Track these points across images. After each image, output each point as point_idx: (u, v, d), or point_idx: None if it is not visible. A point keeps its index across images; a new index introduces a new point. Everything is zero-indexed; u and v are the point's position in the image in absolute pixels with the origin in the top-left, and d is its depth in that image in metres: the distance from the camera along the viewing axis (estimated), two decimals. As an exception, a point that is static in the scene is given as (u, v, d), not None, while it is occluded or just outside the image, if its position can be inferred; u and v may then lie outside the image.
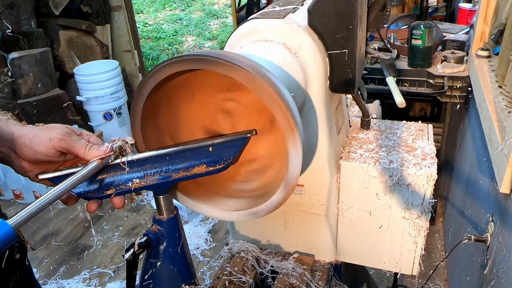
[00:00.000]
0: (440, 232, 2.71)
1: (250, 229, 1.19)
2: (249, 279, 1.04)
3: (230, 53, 0.70)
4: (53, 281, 2.57)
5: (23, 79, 3.53)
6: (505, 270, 1.16)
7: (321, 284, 1.06)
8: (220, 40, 7.52)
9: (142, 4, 9.19)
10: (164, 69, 0.69)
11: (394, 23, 2.76)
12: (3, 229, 0.57)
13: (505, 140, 1.17)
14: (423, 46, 2.24)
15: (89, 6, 4.08)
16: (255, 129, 0.78)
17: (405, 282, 2.32)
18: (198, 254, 2.71)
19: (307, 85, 0.94)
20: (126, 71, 4.47)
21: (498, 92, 1.52)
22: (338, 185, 1.08)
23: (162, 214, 0.81)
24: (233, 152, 0.76)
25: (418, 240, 1.07)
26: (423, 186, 1.01)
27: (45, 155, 0.72)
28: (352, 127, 1.26)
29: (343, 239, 1.15)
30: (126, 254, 0.78)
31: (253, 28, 0.94)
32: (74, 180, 0.68)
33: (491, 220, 1.37)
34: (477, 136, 1.80)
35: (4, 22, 3.48)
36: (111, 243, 2.86)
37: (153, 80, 0.71)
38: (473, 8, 2.78)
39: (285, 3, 1.04)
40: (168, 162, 0.76)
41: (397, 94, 1.99)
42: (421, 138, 1.16)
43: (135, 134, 0.79)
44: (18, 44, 3.63)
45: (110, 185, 0.75)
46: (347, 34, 0.90)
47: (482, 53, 1.93)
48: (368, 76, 2.37)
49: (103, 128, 3.72)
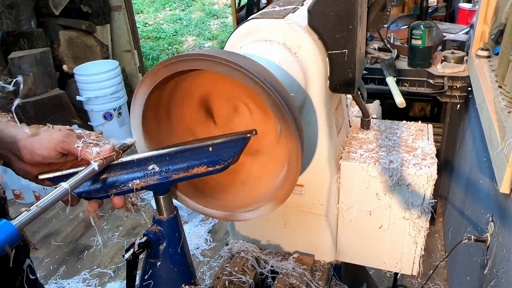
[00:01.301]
0: (440, 232, 2.71)
1: (250, 229, 1.19)
2: (249, 279, 1.04)
3: (240, 57, 0.70)
4: (53, 281, 2.57)
5: (23, 79, 3.52)
6: (505, 270, 1.16)
7: (321, 284, 1.06)
8: (220, 40, 7.52)
9: (142, 4, 9.19)
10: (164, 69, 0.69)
11: (394, 23, 2.76)
12: (7, 229, 0.57)
13: (505, 140, 1.17)
14: (423, 46, 2.24)
15: (89, 6, 4.08)
16: (255, 129, 0.78)
17: (405, 282, 2.32)
18: (198, 254, 2.71)
19: (307, 85, 0.94)
20: (126, 71, 4.48)
21: (498, 92, 1.52)
22: (338, 185, 1.08)
23: (162, 214, 0.81)
24: (233, 152, 0.76)
25: (418, 240, 1.07)
26: (423, 186, 1.01)
27: (46, 157, 0.72)
28: (352, 127, 1.25)
29: (343, 239, 1.15)
30: (126, 254, 0.78)
31: (253, 28, 0.94)
32: (77, 180, 0.68)
33: (491, 220, 1.37)
34: (477, 136, 1.80)
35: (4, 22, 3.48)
36: (111, 243, 2.86)
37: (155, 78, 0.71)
38: (473, 8, 2.78)
39: (285, 3, 1.04)
40: (168, 162, 0.76)
41: (397, 94, 1.99)
42: (421, 138, 1.16)
43: (135, 134, 0.79)
44: (18, 44, 3.64)
45: (110, 185, 0.75)
46: (347, 34, 0.90)
47: (482, 53, 1.93)
48: (368, 76, 2.37)
49: (103, 128, 3.72)
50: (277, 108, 0.66)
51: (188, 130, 0.85)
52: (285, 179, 0.73)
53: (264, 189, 0.81)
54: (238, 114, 0.84)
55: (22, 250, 0.86)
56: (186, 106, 0.83)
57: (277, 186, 0.76)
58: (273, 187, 0.78)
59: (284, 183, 0.74)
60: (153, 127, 0.81)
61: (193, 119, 0.85)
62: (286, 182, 0.73)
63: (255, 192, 0.83)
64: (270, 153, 0.84)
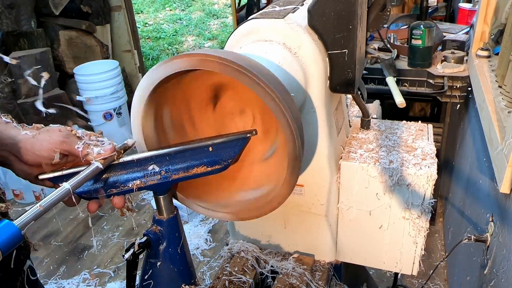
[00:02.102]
0: (440, 232, 2.71)
1: (250, 229, 1.19)
2: (249, 279, 1.04)
3: (251, 62, 0.70)
4: (53, 281, 2.57)
5: (23, 79, 3.52)
6: (505, 270, 1.16)
7: (321, 284, 1.06)
8: (220, 40, 7.52)
9: (142, 4, 9.19)
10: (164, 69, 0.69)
11: (394, 23, 2.76)
12: (10, 230, 0.57)
13: (505, 140, 1.17)
14: (423, 46, 2.24)
15: (89, 6, 4.07)
16: (255, 129, 0.78)
17: (405, 282, 2.32)
18: (198, 254, 2.71)
19: (307, 85, 0.94)
20: (126, 71, 4.47)
21: (498, 92, 1.52)
22: (338, 185, 1.08)
23: (162, 214, 0.81)
24: (233, 152, 0.76)
25: (418, 240, 1.07)
26: (423, 186, 1.01)
27: (46, 158, 0.72)
28: (352, 127, 1.25)
29: (343, 239, 1.15)
30: (126, 254, 0.78)
31: (253, 28, 0.94)
32: (78, 180, 0.68)
33: (491, 220, 1.37)
34: (477, 136, 1.80)
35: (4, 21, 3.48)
36: (111, 243, 2.86)
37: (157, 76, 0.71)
38: (473, 8, 2.78)
39: (285, 3, 1.04)
40: (168, 162, 0.76)
41: (397, 94, 1.99)
42: (421, 138, 1.16)
43: (135, 134, 0.79)
44: (18, 44, 3.64)
45: (110, 185, 0.75)
46: (347, 34, 0.90)
47: (482, 53, 1.93)
48: (368, 76, 2.37)
49: (103, 128, 3.72)
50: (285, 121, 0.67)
51: (187, 111, 0.85)
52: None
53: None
54: (241, 117, 0.84)
55: (23, 251, 0.86)
56: (196, 86, 0.82)
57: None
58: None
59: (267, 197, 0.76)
60: (154, 126, 0.81)
61: (198, 98, 0.84)
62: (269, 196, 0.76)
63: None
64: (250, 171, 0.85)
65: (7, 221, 0.57)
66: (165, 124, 0.83)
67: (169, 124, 0.83)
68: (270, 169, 0.83)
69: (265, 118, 0.82)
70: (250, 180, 0.86)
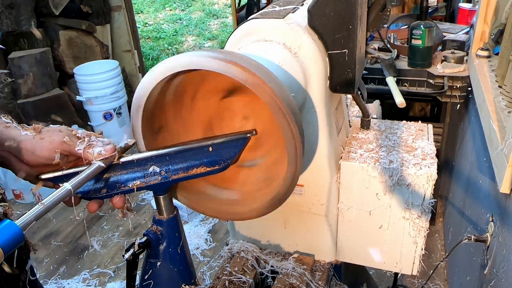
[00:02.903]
0: (440, 232, 2.71)
1: (250, 229, 1.19)
2: (249, 279, 1.04)
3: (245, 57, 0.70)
4: (53, 281, 2.57)
5: (23, 79, 3.52)
6: (505, 270, 1.16)
7: (321, 284, 1.06)
8: (220, 40, 7.52)
9: (142, 4, 9.19)
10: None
11: (394, 23, 2.76)
12: (12, 229, 0.57)
13: (505, 140, 1.17)
14: (423, 46, 2.24)
15: (89, 6, 4.07)
16: (255, 129, 0.78)
17: (405, 282, 2.32)
18: (198, 254, 2.71)
19: (307, 85, 0.94)
20: (126, 71, 4.47)
21: (498, 92, 1.52)
22: (338, 185, 1.08)
23: (162, 214, 0.81)
24: (233, 152, 0.76)
25: (418, 240, 1.07)
26: (423, 186, 1.01)
27: (47, 158, 0.72)
28: (352, 127, 1.25)
29: (343, 239, 1.15)
30: (126, 254, 0.78)
31: (253, 28, 0.94)
32: (79, 180, 0.68)
33: (491, 220, 1.37)
34: (477, 136, 1.80)
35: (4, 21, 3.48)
36: (111, 243, 2.86)
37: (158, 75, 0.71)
38: (473, 8, 2.78)
39: (285, 3, 1.04)
40: (168, 162, 0.76)
41: (397, 94, 1.99)
42: (421, 138, 1.16)
43: (135, 134, 0.79)
44: (18, 44, 3.64)
45: (110, 185, 0.75)
46: (347, 34, 0.90)
47: (482, 53, 1.93)
48: (368, 76, 2.37)
49: (103, 128, 3.72)
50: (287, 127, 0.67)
51: (202, 127, 0.85)
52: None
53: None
54: (241, 121, 0.84)
55: (24, 251, 0.86)
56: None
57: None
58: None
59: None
60: (154, 127, 0.81)
61: (209, 86, 0.82)
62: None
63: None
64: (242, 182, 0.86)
65: (8, 221, 0.57)
66: (166, 124, 0.83)
67: (168, 125, 0.83)
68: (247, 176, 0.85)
69: (265, 131, 0.81)
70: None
